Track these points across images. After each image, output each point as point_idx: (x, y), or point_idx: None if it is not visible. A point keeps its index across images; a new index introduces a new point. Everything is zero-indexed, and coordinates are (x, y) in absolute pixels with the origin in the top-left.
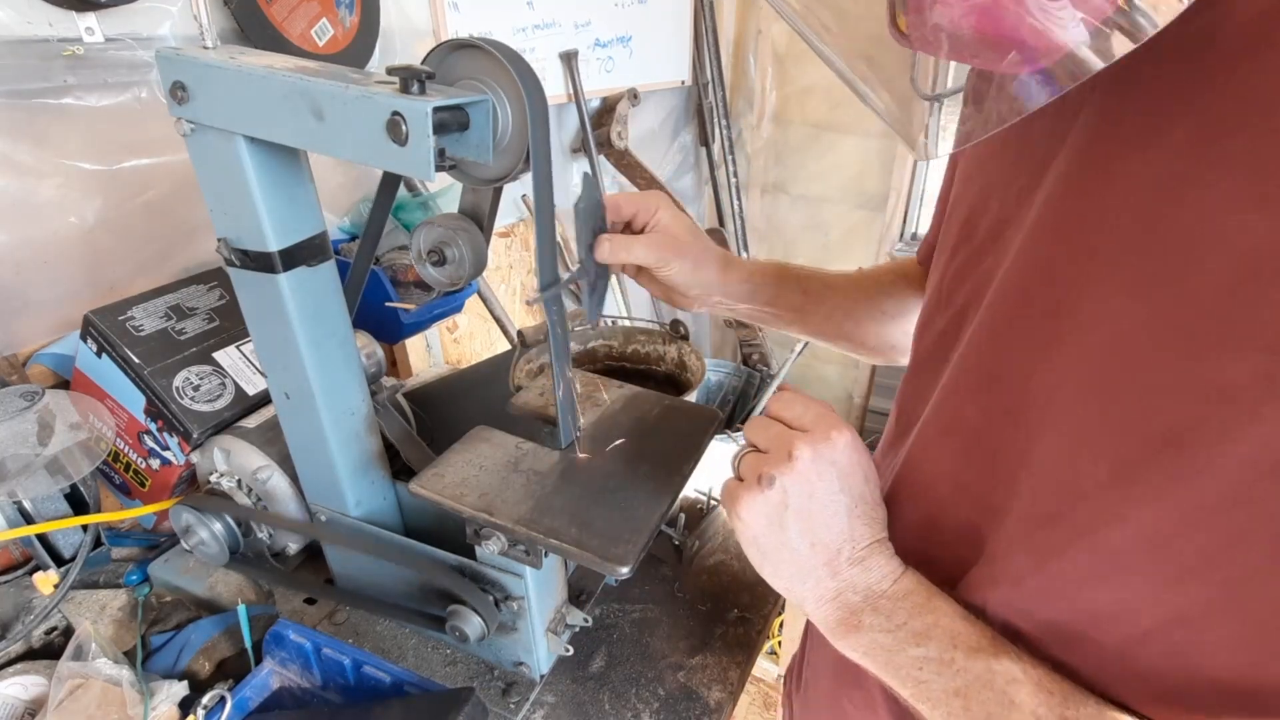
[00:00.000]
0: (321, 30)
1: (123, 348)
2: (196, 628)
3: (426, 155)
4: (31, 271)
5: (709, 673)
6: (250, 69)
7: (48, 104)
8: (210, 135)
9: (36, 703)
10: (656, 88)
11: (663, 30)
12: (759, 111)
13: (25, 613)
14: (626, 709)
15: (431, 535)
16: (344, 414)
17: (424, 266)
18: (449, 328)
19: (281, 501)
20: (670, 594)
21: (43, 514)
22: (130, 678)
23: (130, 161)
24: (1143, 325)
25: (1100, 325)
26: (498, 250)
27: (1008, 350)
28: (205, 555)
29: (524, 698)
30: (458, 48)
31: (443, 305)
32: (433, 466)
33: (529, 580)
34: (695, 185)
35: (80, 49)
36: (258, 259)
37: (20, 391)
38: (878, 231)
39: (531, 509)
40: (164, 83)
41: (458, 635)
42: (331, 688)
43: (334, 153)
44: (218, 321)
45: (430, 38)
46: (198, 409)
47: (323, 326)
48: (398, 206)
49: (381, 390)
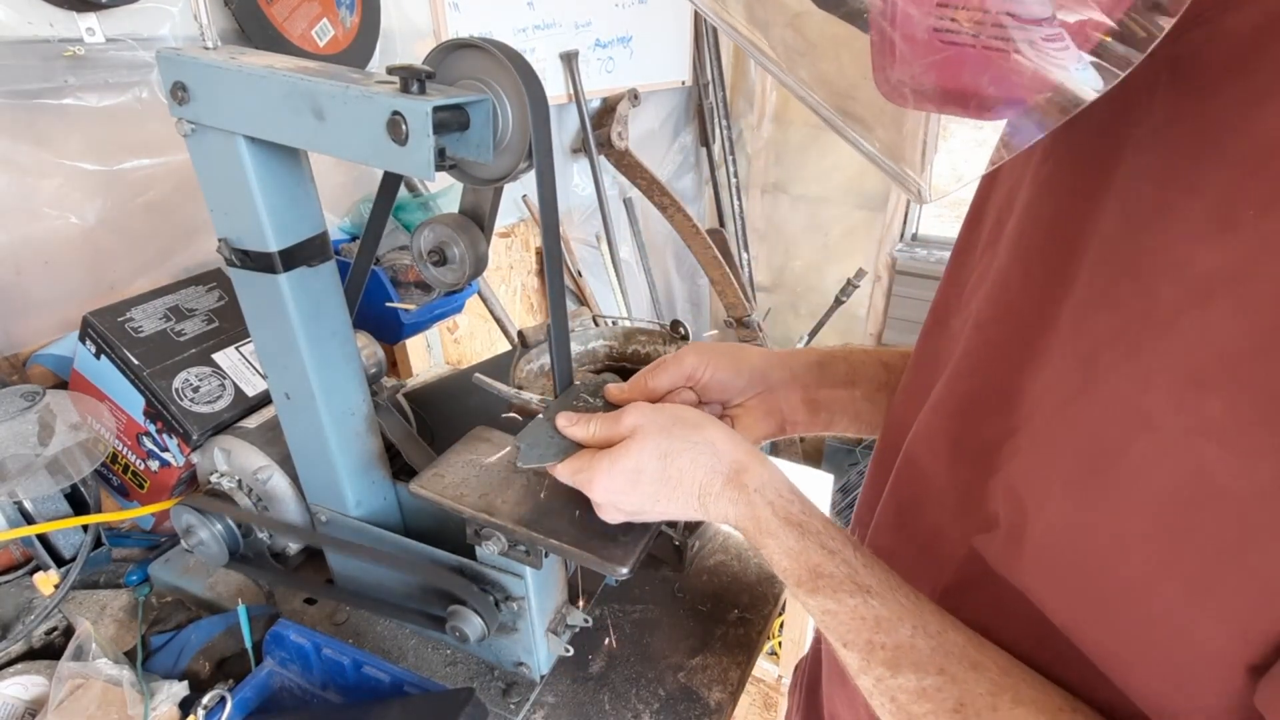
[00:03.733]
0: (322, 30)
1: (122, 349)
2: (197, 628)
3: (427, 155)
4: (32, 272)
5: (709, 673)
6: (251, 69)
7: (48, 104)
8: (211, 135)
9: (37, 703)
10: (657, 88)
11: (663, 30)
12: (759, 111)
13: (26, 613)
14: (627, 709)
15: (432, 535)
16: (344, 414)
17: (424, 266)
18: (449, 328)
19: (282, 501)
20: (670, 594)
21: (43, 514)
22: (130, 678)
23: (131, 162)
24: (1105, 345)
25: (1076, 343)
26: (498, 250)
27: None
28: (205, 555)
29: (524, 698)
30: (458, 47)
31: (443, 305)
32: (433, 466)
33: (529, 580)
34: (695, 185)
35: (81, 49)
36: (258, 259)
37: (21, 392)
38: (878, 231)
39: (532, 509)
40: (164, 83)
41: (458, 635)
42: (332, 688)
43: (334, 153)
44: (217, 323)
45: (430, 38)
46: (197, 410)
47: (323, 326)
48: (398, 206)
49: (382, 390)
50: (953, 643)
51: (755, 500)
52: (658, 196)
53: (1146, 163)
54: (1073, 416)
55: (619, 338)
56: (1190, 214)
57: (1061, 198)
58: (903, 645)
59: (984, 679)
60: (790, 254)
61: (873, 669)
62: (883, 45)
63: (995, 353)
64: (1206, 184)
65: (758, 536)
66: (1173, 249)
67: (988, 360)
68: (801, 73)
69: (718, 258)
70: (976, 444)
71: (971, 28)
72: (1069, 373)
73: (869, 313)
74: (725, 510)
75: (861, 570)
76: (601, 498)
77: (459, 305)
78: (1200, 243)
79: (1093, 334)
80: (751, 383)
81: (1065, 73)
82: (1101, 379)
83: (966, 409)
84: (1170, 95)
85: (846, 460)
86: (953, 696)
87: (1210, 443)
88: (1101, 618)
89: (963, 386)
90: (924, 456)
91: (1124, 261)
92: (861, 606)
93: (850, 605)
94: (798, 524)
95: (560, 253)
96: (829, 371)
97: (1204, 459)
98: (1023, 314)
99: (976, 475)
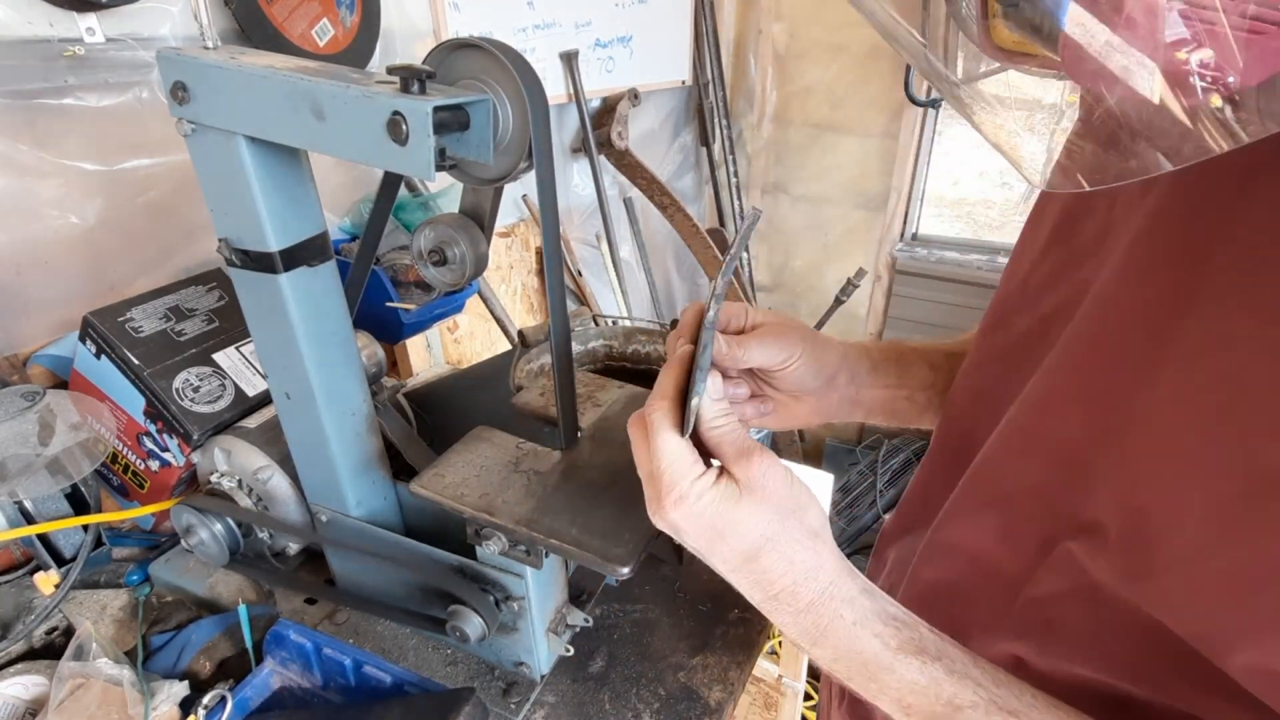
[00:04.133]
0: (322, 30)
1: (122, 349)
2: (197, 628)
3: (427, 155)
4: (32, 272)
5: (709, 673)
6: (251, 69)
7: (48, 104)
8: (211, 135)
9: (37, 702)
10: (657, 88)
11: (663, 30)
12: (759, 111)
13: (26, 612)
14: (627, 709)
15: (432, 535)
16: (345, 414)
17: (425, 266)
18: (449, 328)
19: (282, 501)
20: (671, 594)
21: (43, 514)
22: (131, 678)
23: (131, 162)
24: (1256, 356)
25: (1211, 351)
26: (498, 250)
27: (1109, 366)
28: (206, 555)
29: (524, 698)
30: (458, 47)
31: (443, 305)
32: (433, 466)
33: (529, 580)
34: (695, 185)
35: (81, 49)
36: (258, 259)
37: (21, 391)
38: (878, 231)
39: (532, 509)
40: (165, 83)
41: (458, 635)
42: (332, 688)
43: (334, 153)
44: (217, 323)
45: (430, 38)
46: (197, 410)
47: (323, 326)
48: (398, 206)
49: (382, 390)
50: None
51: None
52: (658, 196)
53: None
54: (1217, 431)
55: (619, 338)
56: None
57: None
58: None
59: None
60: (790, 254)
61: None
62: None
63: (1093, 350)
64: None
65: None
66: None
67: (1083, 358)
68: None
69: (718, 257)
70: (1061, 441)
71: None
72: (1210, 382)
73: (869, 312)
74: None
75: (997, 691)
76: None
77: (459, 305)
78: None
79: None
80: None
81: None
82: (1258, 393)
83: (1054, 404)
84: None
85: (847, 460)
86: None
87: None
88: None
89: (1052, 383)
90: (1007, 453)
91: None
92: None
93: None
94: (918, 650)
95: (560, 253)
96: (880, 373)
97: None
98: (1131, 312)
99: (1066, 474)
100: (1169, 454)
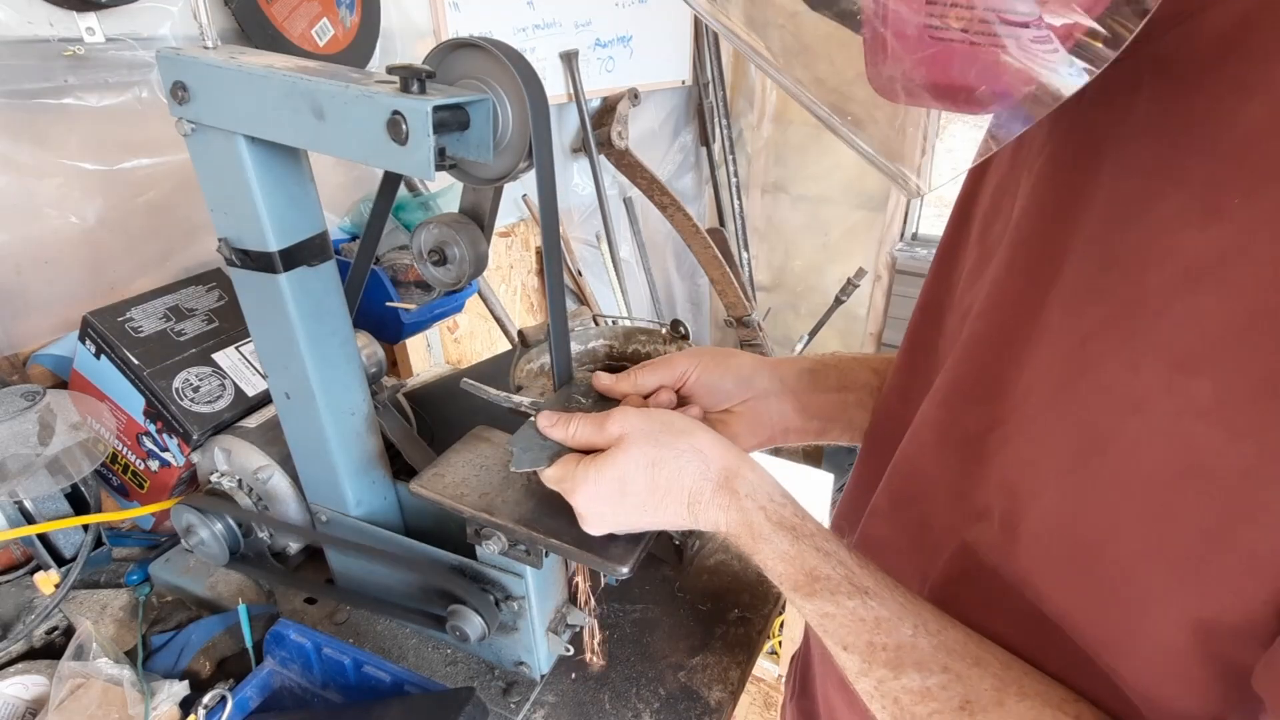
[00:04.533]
0: (322, 30)
1: (122, 349)
2: (197, 627)
3: (427, 154)
4: (32, 271)
5: (709, 673)
6: (251, 69)
7: (48, 104)
8: (211, 135)
9: (37, 702)
10: (657, 87)
11: (663, 30)
12: (759, 111)
13: (26, 612)
14: (627, 709)
15: (432, 535)
16: (344, 414)
17: (425, 266)
18: (449, 328)
19: (282, 501)
20: (670, 594)
21: (43, 514)
22: (131, 677)
23: (130, 161)
24: (1094, 335)
25: (1066, 334)
26: (498, 250)
27: (996, 355)
28: (206, 555)
29: (524, 697)
30: (458, 47)
31: (443, 305)
32: (433, 466)
33: (529, 580)
34: (695, 185)
35: (81, 49)
36: (258, 259)
37: (21, 391)
38: (878, 231)
39: (532, 509)
40: (164, 83)
41: (458, 635)
42: (332, 687)
43: (334, 152)
44: (217, 323)
45: (430, 37)
46: (197, 410)
47: (323, 326)
48: (398, 206)
49: (382, 390)
50: (954, 640)
51: (747, 505)
52: (658, 196)
53: (1133, 156)
54: (1064, 405)
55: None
56: (1176, 204)
57: (1051, 193)
58: (904, 645)
59: (988, 675)
60: (790, 253)
61: (874, 671)
62: (875, 43)
63: (985, 345)
64: (1191, 175)
65: (750, 543)
66: (1160, 238)
67: (978, 352)
68: (797, 73)
69: (718, 257)
70: (963, 434)
71: (960, 25)
72: (1059, 363)
73: (869, 312)
74: (716, 517)
75: (858, 571)
76: (584, 507)
77: (459, 305)
78: (1186, 230)
79: (1082, 324)
80: (739, 388)
81: (1049, 69)
82: (1091, 367)
83: (955, 400)
84: (1154, 92)
85: (847, 460)
86: (958, 694)
87: (1199, 423)
88: (1094, 605)
89: (953, 378)
90: (918, 449)
91: (1112, 252)
92: (860, 608)
93: (849, 607)
94: (791, 527)
95: (560, 252)
96: (820, 379)
97: (1193, 439)
98: (1012, 307)
99: (965, 466)
100: (1030, 430)
